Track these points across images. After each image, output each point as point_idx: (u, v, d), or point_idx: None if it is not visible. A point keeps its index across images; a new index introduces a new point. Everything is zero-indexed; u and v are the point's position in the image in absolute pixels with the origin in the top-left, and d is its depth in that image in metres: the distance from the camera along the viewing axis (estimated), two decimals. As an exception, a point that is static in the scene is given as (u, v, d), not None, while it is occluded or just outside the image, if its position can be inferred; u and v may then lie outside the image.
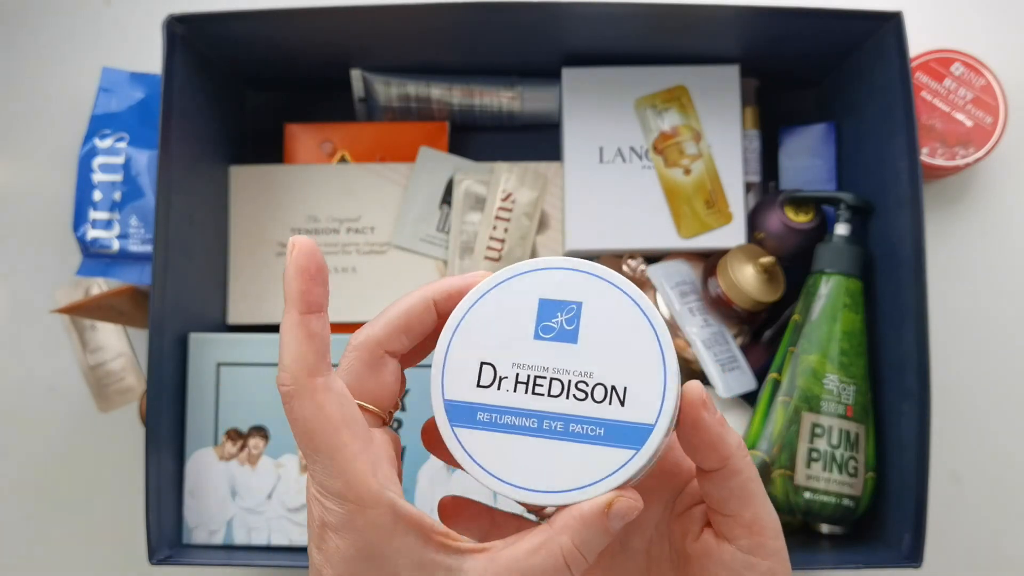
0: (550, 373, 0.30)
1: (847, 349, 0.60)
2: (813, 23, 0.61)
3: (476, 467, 0.30)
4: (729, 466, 0.31)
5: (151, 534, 0.56)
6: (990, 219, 0.73)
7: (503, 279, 0.32)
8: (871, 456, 0.60)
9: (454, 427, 0.31)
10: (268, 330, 0.68)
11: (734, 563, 0.32)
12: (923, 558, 0.55)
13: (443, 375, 0.31)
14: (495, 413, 0.30)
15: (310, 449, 0.29)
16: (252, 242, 0.69)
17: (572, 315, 0.31)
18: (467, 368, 0.31)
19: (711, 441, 0.31)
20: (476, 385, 0.31)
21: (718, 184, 0.67)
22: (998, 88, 0.68)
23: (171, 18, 0.58)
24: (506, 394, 0.30)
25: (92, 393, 0.72)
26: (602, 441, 0.30)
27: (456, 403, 0.31)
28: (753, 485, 0.32)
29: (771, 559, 0.32)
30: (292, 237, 0.30)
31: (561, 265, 0.31)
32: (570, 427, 0.30)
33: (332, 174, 0.69)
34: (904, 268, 0.58)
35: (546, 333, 0.31)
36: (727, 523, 0.32)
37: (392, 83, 0.70)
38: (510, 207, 0.67)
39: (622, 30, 0.63)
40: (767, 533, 0.32)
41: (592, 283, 0.31)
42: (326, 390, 0.29)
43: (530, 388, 0.30)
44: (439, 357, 0.31)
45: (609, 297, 0.31)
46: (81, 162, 0.69)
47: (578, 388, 0.30)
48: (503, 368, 0.31)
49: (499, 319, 0.31)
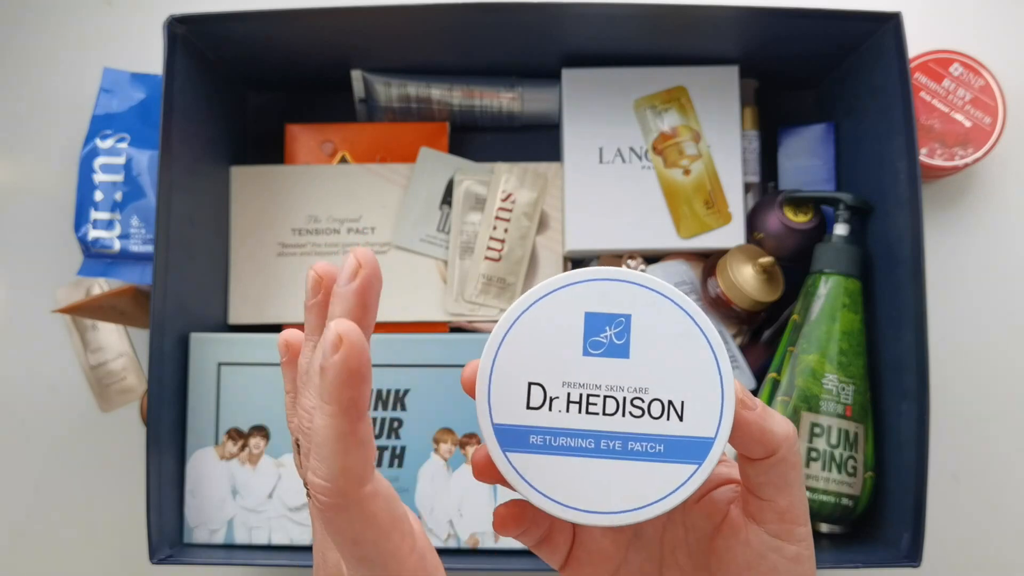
0: (603, 391, 0.30)
1: (846, 349, 0.60)
2: (812, 24, 0.61)
3: (534, 492, 0.29)
4: (775, 456, 0.31)
5: (152, 533, 0.56)
6: (989, 219, 0.73)
7: (543, 294, 0.30)
8: (870, 455, 0.60)
9: (507, 452, 0.30)
10: (269, 330, 0.68)
11: (760, 545, 0.32)
12: (922, 557, 0.55)
13: (489, 399, 0.30)
14: (549, 435, 0.30)
15: (357, 557, 0.27)
16: (253, 242, 0.69)
17: (621, 328, 0.30)
18: (515, 390, 0.30)
19: (755, 436, 0.31)
20: (526, 407, 0.30)
21: (717, 184, 0.67)
22: (997, 89, 0.68)
23: (172, 19, 0.58)
24: (559, 415, 0.30)
25: (93, 393, 0.72)
26: (662, 458, 0.29)
27: (506, 427, 0.30)
28: (793, 474, 0.31)
29: (798, 545, 0.32)
30: (337, 325, 0.25)
31: (604, 276, 0.30)
32: (628, 445, 0.29)
33: (333, 174, 0.69)
34: (903, 268, 0.58)
35: (595, 349, 0.30)
36: (760, 506, 0.32)
37: (392, 84, 0.70)
38: (510, 207, 0.67)
39: (622, 31, 0.63)
40: (798, 520, 0.32)
41: (639, 293, 0.30)
42: (374, 497, 0.26)
43: (583, 407, 0.30)
44: (483, 380, 0.30)
45: (658, 307, 0.30)
46: (82, 162, 0.69)
47: (634, 405, 0.30)
48: (553, 388, 0.30)
49: (544, 336, 0.30)
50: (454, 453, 0.60)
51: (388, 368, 0.61)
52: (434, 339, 0.61)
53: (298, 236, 0.69)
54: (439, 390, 0.60)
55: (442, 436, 0.60)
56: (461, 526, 0.60)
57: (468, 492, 0.60)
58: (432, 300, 0.68)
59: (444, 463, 0.60)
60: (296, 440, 0.30)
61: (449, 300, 0.67)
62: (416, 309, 0.68)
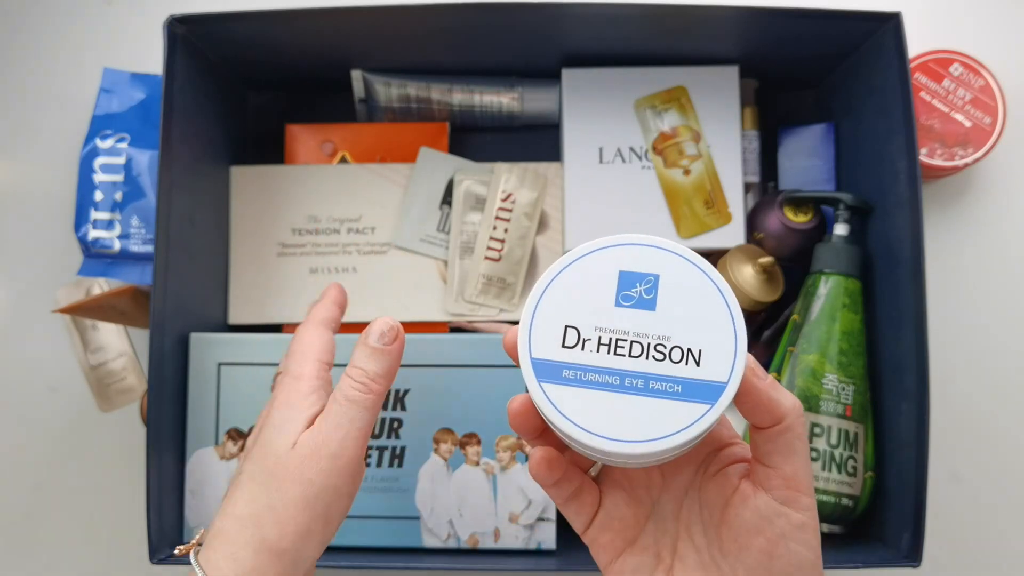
0: (631, 336, 0.33)
1: (846, 349, 0.60)
2: (812, 24, 0.61)
3: (562, 418, 0.33)
4: (782, 424, 0.34)
5: (152, 533, 0.56)
6: (989, 219, 0.73)
7: (585, 252, 0.34)
8: (870, 456, 0.60)
9: (541, 383, 0.33)
10: (269, 330, 0.68)
11: (767, 510, 0.34)
12: (922, 557, 0.55)
13: (530, 335, 0.34)
14: (580, 371, 0.33)
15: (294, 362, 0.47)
16: (253, 242, 0.69)
17: (650, 285, 0.34)
18: (552, 330, 0.34)
19: (763, 403, 0.34)
20: (561, 345, 0.33)
21: (717, 184, 0.67)
22: (997, 89, 0.68)
23: (172, 19, 0.58)
24: (590, 354, 0.33)
25: (93, 393, 0.72)
26: (680, 396, 0.33)
27: (543, 361, 0.33)
28: (798, 443, 0.34)
29: (803, 514, 0.35)
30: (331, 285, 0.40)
31: (639, 242, 0.34)
32: (650, 384, 0.33)
33: (333, 174, 0.69)
34: (903, 268, 0.58)
35: (626, 301, 0.34)
36: (767, 474, 0.35)
37: (392, 84, 0.70)
38: (510, 207, 0.67)
39: (622, 31, 0.63)
40: (802, 488, 0.35)
41: (667, 257, 0.34)
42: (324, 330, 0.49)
43: (612, 349, 0.33)
44: (526, 319, 0.34)
45: (683, 269, 0.34)
46: (82, 162, 0.69)
47: (657, 350, 0.33)
48: (586, 331, 0.34)
49: (582, 288, 0.34)
50: (454, 453, 0.60)
51: (388, 368, 0.61)
52: (434, 339, 0.61)
53: (298, 236, 0.69)
54: (439, 390, 0.60)
55: (442, 436, 0.60)
56: (461, 526, 0.60)
57: (468, 492, 0.60)
58: (432, 300, 0.68)
59: (444, 463, 0.60)
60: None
61: (449, 300, 0.67)
62: (416, 309, 0.68)
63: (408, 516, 0.60)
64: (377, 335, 0.46)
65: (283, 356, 0.52)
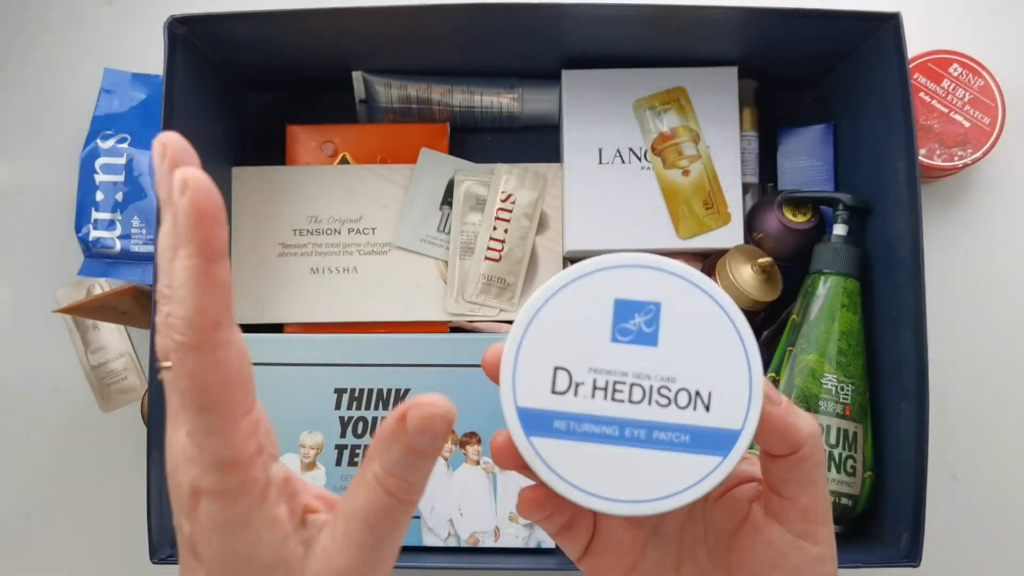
0: (630, 379, 0.29)
1: (845, 349, 0.60)
2: (811, 24, 0.61)
3: (555, 478, 0.29)
4: (799, 453, 0.30)
5: (153, 533, 0.56)
6: (988, 219, 0.73)
7: (574, 277, 0.30)
8: (869, 455, 0.60)
9: (530, 437, 0.29)
10: (269, 330, 0.68)
11: (781, 543, 0.31)
12: (921, 557, 0.55)
13: (514, 381, 0.29)
14: (573, 421, 0.29)
15: (197, 405, 0.26)
16: (254, 243, 0.69)
17: (651, 316, 0.29)
18: (540, 374, 0.29)
19: (779, 430, 0.30)
20: (551, 391, 0.29)
21: (717, 185, 0.67)
22: (996, 89, 0.68)
23: (173, 19, 0.59)
24: (584, 400, 0.29)
25: (94, 393, 0.72)
26: (687, 448, 0.29)
27: (530, 410, 0.29)
28: (817, 473, 0.31)
29: (820, 546, 0.32)
30: (181, 171, 0.25)
31: (636, 263, 0.30)
32: (653, 434, 0.29)
33: (333, 175, 0.69)
34: (902, 268, 0.58)
35: (623, 336, 0.29)
36: (782, 504, 0.31)
37: (393, 85, 0.70)
38: (510, 208, 0.68)
39: (621, 32, 0.63)
40: (820, 519, 0.31)
41: (670, 282, 0.30)
42: (228, 345, 0.26)
43: (609, 394, 0.29)
44: (508, 362, 0.29)
45: (689, 296, 0.29)
46: (83, 163, 0.69)
47: (660, 394, 0.29)
48: (579, 373, 0.29)
49: (571, 321, 0.29)
50: (454, 453, 0.60)
51: (388, 368, 0.61)
52: (434, 339, 0.61)
53: (299, 236, 0.69)
54: (439, 390, 0.60)
55: (442, 436, 0.60)
56: (461, 526, 0.60)
57: (468, 492, 0.60)
58: (432, 300, 0.68)
59: (444, 463, 0.60)
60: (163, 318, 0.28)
61: (449, 300, 0.68)
62: (416, 309, 0.68)
63: (408, 516, 0.60)
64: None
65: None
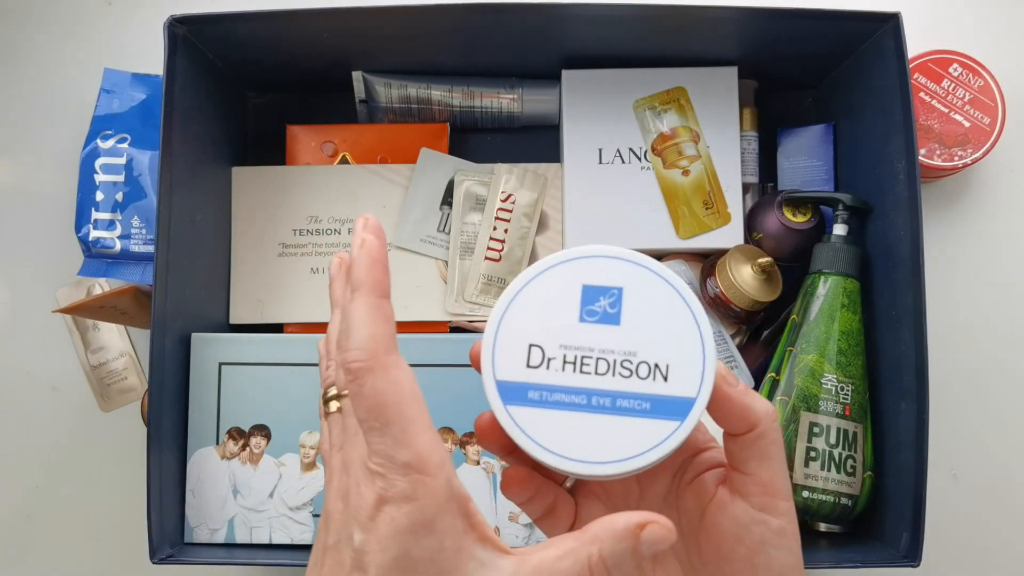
0: (596, 353, 0.33)
1: (845, 349, 0.60)
2: (811, 24, 0.61)
3: (530, 442, 0.32)
4: (756, 431, 0.33)
5: (153, 533, 0.56)
6: (988, 219, 0.73)
7: (546, 267, 0.34)
8: (869, 455, 0.60)
9: (507, 406, 0.32)
10: (270, 330, 0.68)
11: (745, 517, 0.34)
12: (921, 557, 0.55)
13: (493, 357, 0.33)
14: (545, 391, 0.32)
15: (380, 422, 0.29)
16: (254, 242, 0.69)
17: (614, 299, 0.33)
18: (516, 350, 0.33)
19: (735, 410, 0.33)
20: (526, 366, 0.33)
21: (716, 185, 0.67)
22: (996, 89, 0.68)
23: (173, 19, 0.59)
24: (555, 373, 0.33)
25: (94, 392, 0.72)
26: (649, 414, 0.32)
27: (507, 383, 0.33)
28: (774, 449, 0.34)
29: (782, 519, 0.34)
30: (362, 217, 0.33)
31: (601, 253, 0.34)
32: (618, 402, 0.32)
33: (333, 175, 0.69)
34: (902, 268, 0.58)
35: (590, 316, 0.33)
36: (744, 481, 0.34)
37: (393, 85, 0.70)
38: (510, 208, 0.68)
39: (621, 32, 0.63)
40: (780, 494, 0.34)
41: (631, 269, 0.33)
42: (398, 366, 0.30)
43: (578, 367, 0.33)
44: (488, 341, 0.33)
45: (648, 282, 0.33)
46: (83, 163, 0.69)
47: (623, 367, 0.32)
48: (551, 349, 0.33)
49: (544, 305, 0.33)
50: (454, 452, 0.60)
51: (388, 368, 0.61)
52: (434, 339, 0.61)
53: (299, 236, 0.69)
54: (439, 390, 0.60)
55: (442, 435, 0.60)
56: (461, 525, 0.60)
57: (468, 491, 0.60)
58: (432, 300, 0.68)
59: (444, 463, 0.60)
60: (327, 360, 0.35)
61: (449, 300, 0.68)
62: (416, 309, 0.68)
63: (408, 515, 0.60)
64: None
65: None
